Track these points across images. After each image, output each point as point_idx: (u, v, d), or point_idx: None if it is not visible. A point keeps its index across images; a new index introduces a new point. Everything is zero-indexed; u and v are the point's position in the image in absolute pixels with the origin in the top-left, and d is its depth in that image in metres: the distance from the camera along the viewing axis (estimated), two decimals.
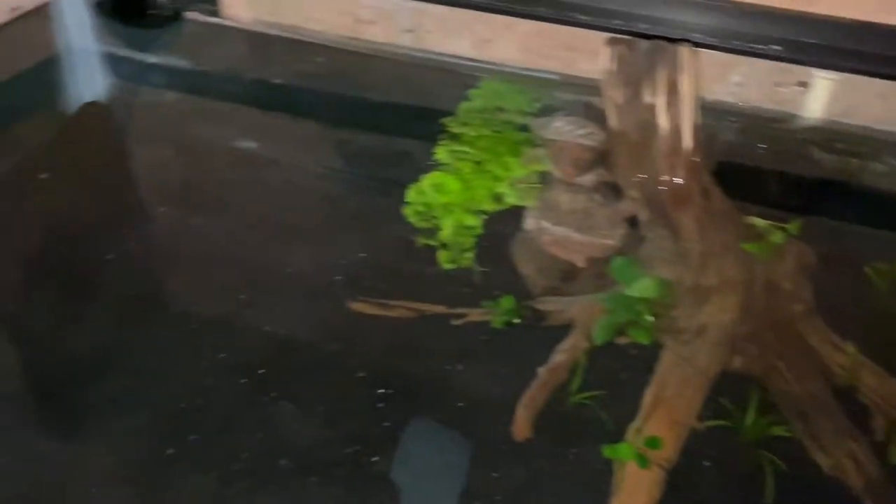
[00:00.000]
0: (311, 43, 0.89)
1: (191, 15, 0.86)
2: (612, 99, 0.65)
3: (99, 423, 0.50)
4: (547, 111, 0.77)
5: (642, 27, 0.68)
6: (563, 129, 0.70)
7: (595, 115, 0.72)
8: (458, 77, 0.84)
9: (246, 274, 0.60)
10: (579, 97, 0.79)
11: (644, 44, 0.67)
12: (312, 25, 0.88)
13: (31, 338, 0.55)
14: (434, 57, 0.86)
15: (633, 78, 0.66)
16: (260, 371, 0.52)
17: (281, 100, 0.83)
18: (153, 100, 0.81)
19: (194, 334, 0.55)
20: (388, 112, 0.81)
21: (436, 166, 0.69)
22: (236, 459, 0.48)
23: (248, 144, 0.74)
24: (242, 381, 0.52)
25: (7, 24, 0.84)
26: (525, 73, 0.83)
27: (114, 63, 0.84)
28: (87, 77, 0.81)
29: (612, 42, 0.64)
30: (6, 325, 0.56)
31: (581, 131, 0.69)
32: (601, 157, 0.69)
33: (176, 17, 0.85)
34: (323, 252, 0.62)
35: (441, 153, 0.70)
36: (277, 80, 0.84)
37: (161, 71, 0.83)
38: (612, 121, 0.65)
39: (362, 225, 0.65)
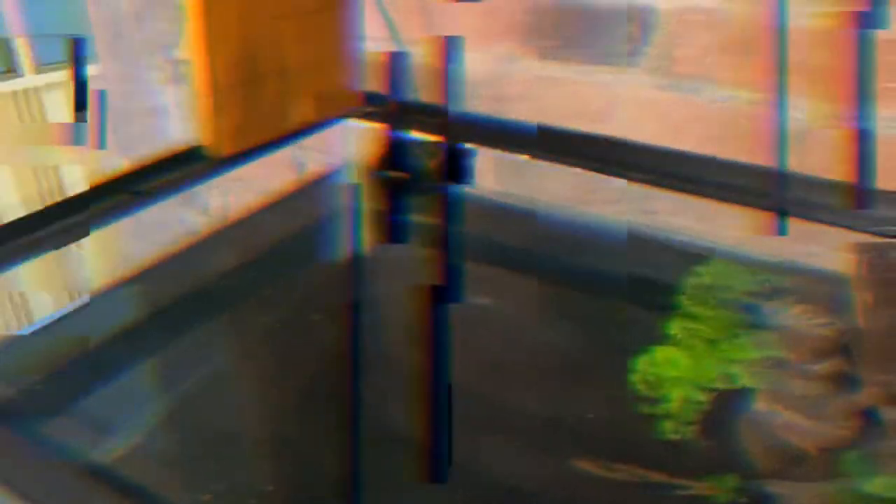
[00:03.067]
0: (549, 214, 0.98)
1: (450, 185, 0.98)
2: (862, 300, 0.66)
3: None
4: (777, 295, 0.78)
5: (893, 231, 0.69)
6: (801, 316, 0.71)
7: (829, 304, 0.73)
8: (684, 254, 0.88)
9: (480, 418, 0.64)
10: (809, 283, 0.80)
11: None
12: (551, 199, 0.98)
13: (296, 460, 0.61)
14: (662, 234, 0.91)
15: (884, 281, 0.66)
16: None
17: (516, 261, 0.90)
18: (405, 256, 0.91)
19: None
20: (616, 281, 0.86)
21: (664, 338, 0.71)
22: None
23: (482, 301, 0.81)
24: None
25: (292, 193, 1.03)
26: (752, 254, 0.84)
27: (378, 223, 0.97)
28: (355, 234, 0.94)
29: (861, 247, 0.65)
30: (279, 447, 0.63)
31: (819, 320, 0.70)
32: (838, 347, 0.69)
33: (437, 186, 0.96)
34: (551, 406, 0.66)
35: (674, 328, 0.73)
36: (514, 244, 0.93)
37: (415, 231, 0.94)
38: (861, 320, 0.65)
39: (588, 386, 0.69)
